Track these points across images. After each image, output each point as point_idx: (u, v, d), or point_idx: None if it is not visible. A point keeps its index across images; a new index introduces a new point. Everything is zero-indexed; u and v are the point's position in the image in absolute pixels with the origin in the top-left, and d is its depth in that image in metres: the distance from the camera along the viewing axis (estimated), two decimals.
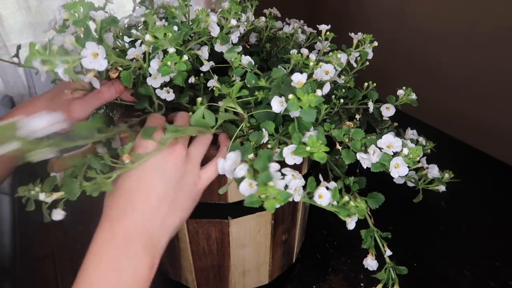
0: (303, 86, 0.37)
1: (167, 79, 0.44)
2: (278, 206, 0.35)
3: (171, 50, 0.39)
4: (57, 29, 0.41)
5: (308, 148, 0.37)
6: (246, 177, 0.37)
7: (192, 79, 0.52)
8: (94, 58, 0.35)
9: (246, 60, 0.46)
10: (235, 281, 0.59)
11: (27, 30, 1.31)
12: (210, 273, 0.58)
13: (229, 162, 0.40)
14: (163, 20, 0.47)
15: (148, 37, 0.38)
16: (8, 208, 0.77)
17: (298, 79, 0.39)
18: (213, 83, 0.47)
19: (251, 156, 0.40)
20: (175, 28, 0.42)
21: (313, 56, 0.46)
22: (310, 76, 0.44)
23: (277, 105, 0.39)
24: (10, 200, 0.79)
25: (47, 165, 0.78)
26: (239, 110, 0.42)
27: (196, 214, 0.50)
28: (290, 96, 0.36)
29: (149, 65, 0.42)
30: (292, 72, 0.45)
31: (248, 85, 0.44)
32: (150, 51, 0.40)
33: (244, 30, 0.52)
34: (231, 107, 0.42)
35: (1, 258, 0.70)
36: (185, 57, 0.39)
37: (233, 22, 0.47)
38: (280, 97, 0.39)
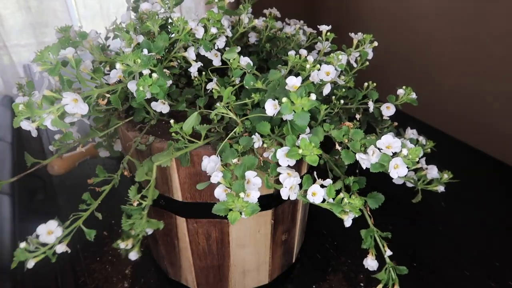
0: (297, 89, 0.37)
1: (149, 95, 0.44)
2: (245, 217, 0.35)
3: (145, 71, 0.39)
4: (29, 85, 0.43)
5: (300, 151, 0.37)
6: (221, 183, 0.38)
7: (194, 72, 0.51)
8: (75, 103, 0.37)
9: (245, 61, 0.46)
10: (235, 281, 0.59)
11: (27, 30, 1.31)
12: (210, 273, 0.58)
13: (212, 164, 0.40)
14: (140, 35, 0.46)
15: (119, 66, 0.38)
16: (8, 208, 0.77)
17: (293, 82, 0.38)
18: (212, 85, 0.46)
19: (235, 160, 0.40)
20: (145, 51, 0.41)
21: (311, 58, 0.45)
22: (307, 78, 0.44)
23: (270, 108, 0.39)
24: (10, 200, 0.79)
25: (47, 166, 0.78)
26: (232, 115, 0.42)
27: (196, 214, 0.50)
28: (284, 99, 0.36)
29: None
30: (290, 74, 0.45)
31: (246, 87, 0.44)
32: (126, 76, 0.41)
33: (229, 34, 0.51)
34: (224, 113, 0.42)
35: (1, 258, 0.70)
36: (155, 76, 0.38)
37: (213, 30, 0.47)
38: (274, 100, 0.39)
